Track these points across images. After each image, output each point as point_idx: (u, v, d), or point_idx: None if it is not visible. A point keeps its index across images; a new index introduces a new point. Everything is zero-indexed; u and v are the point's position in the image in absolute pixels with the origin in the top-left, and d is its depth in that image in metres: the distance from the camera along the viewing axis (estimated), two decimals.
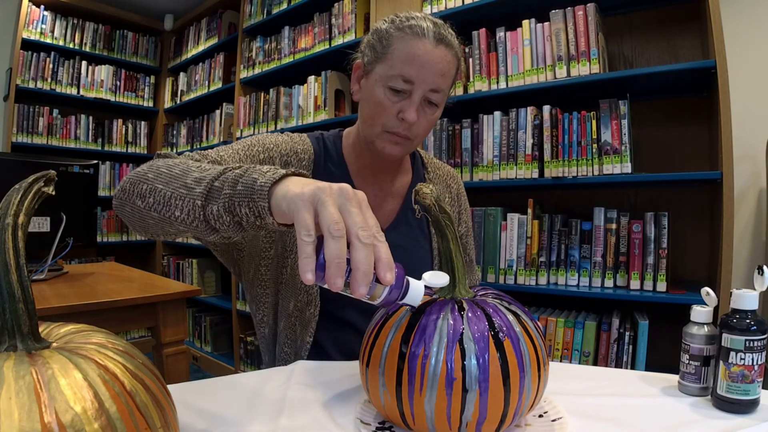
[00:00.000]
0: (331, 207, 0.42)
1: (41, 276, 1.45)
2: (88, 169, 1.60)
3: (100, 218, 3.27)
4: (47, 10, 3.02)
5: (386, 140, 0.79)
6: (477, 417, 0.47)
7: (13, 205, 0.37)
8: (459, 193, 1.02)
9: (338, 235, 0.40)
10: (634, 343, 1.48)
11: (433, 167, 1.00)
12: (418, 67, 0.74)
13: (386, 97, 0.76)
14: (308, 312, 0.83)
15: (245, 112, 2.79)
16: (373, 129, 0.80)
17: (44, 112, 3.02)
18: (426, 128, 0.81)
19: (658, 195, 1.70)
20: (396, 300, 0.46)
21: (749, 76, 1.66)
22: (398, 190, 0.93)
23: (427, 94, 0.77)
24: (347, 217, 0.42)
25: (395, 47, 0.76)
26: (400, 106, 0.77)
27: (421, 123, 0.79)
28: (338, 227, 0.41)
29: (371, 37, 0.81)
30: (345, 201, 0.43)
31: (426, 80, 0.75)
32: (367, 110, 0.80)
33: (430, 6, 1.92)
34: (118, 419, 0.32)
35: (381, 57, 0.77)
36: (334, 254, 0.40)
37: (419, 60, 0.74)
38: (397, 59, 0.75)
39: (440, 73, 0.76)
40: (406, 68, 0.74)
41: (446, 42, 0.76)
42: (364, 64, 0.81)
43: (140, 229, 0.63)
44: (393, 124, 0.78)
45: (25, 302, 0.35)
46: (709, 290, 0.67)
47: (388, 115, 0.77)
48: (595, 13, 1.57)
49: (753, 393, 0.59)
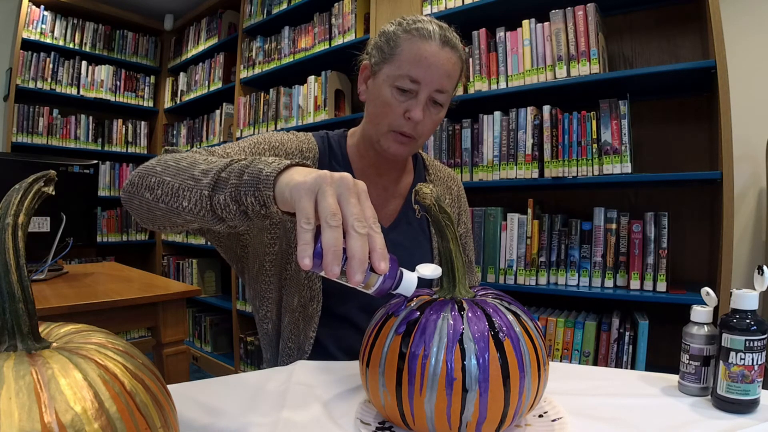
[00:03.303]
0: (330, 197, 0.43)
1: (41, 276, 1.45)
2: (88, 169, 1.60)
3: (100, 218, 3.27)
4: (47, 10, 3.02)
5: (392, 139, 0.82)
6: (477, 417, 0.47)
7: (13, 205, 0.37)
8: (459, 194, 1.04)
9: (335, 225, 0.42)
10: (634, 343, 1.48)
11: (434, 169, 1.02)
12: (425, 68, 0.77)
13: (393, 97, 0.79)
14: (311, 308, 0.85)
15: (245, 112, 2.79)
16: (379, 128, 0.82)
17: (44, 112, 3.02)
18: (430, 128, 0.83)
19: (658, 195, 1.70)
20: (390, 289, 0.48)
21: (749, 76, 1.66)
22: (400, 190, 0.94)
23: (432, 94, 0.79)
24: (345, 207, 0.43)
25: (403, 48, 0.78)
26: (406, 105, 0.79)
27: (426, 123, 0.81)
28: (336, 217, 0.42)
29: (379, 39, 0.83)
30: (344, 191, 0.44)
31: (432, 81, 0.78)
32: (373, 109, 0.83)
33: (430, 6, 1.92)
34: (118, 419, 0.32)
35: (389, 58, 0.80)
36: (330, 243, 0.42)
37: (426, 61, 0.77)
38: (404, 60, 0.78)
39: (446, 74, 0.79)
40: (413, 69, 0.77)
41: (452, 44, 0.79)
42: (372, 65, 0.84)
43: (148, 222, 0.65)
44: (399, 123, 0.80)
45: (25, 302, 0.35)
46: (709, 290, 0.67)
47: (394, 114, 0.80)
48: (595, 13, 1.57)
49: (753, 393, 0.59)
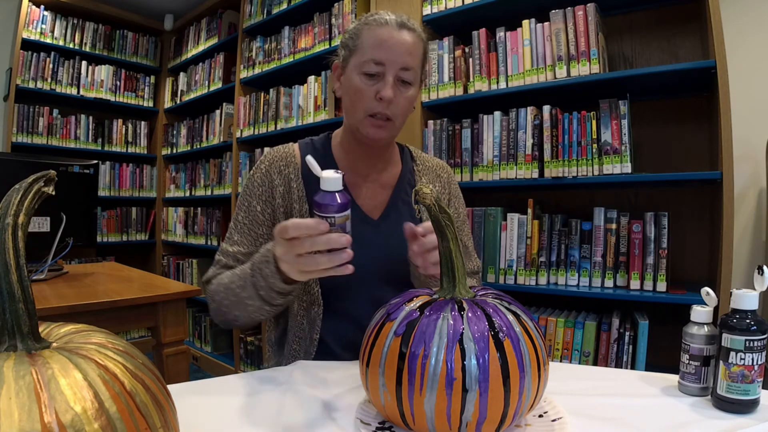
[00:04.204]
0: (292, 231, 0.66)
1: (41, 276, 1.45)
2: (88, 169, 1.60)
3: (100, 218, 3.27)
4: (47, 10, 3.02)
5: (369, 124, 0.87)
6: (477, 417, 0.47)
7: (13, 205, 0.37)
8: (449, 181, 1.06)
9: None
10: (634, 343, 1.48)
11: (422, 160, 1.05)
12: (386, 50, 0.84)
13: (363, 83, 0.85)
14: (313, 311, 0.90)
15: (245, 112, 2.79)
16: (356, 115, 0.88)
17: (44, 112, 3.02)
18: (404, 106, 0.88)
19: (658, 195, 1.70)
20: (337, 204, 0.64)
21: (749, 76, 1.66)
22: (388, 181, 0.99)
23: (398, 73, 0.85)
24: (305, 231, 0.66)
25: (363, 38, 0.86)
26: (376, 87, 0.85)
27: (399, 101, 0.86)
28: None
29: (344, 38, 0.92)
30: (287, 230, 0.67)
31: (395, 60, 0.84)
32: (348, 100, 0.89)
33: (431, 6, 1.92)
34: (118, 419, 0.32)
35: (354, 50, 0.87)
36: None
37: (386, 43, 0.84)
38: (366, 47, 0.85)
39: (406, 51, 0.85)
40: (375, 52, 0.84)
41: (408, 27, 0.87)
42: (341, 62, 0.92)
43: (235, 327, 0.88)
44: (372, 105, 0.85)
45: (25, 302, 0.35)
46: (709, 290, 0.67)
47: (367, 97, 0.85)
48: (595, 13, 1.57)
49: (753, 393, 0.59)
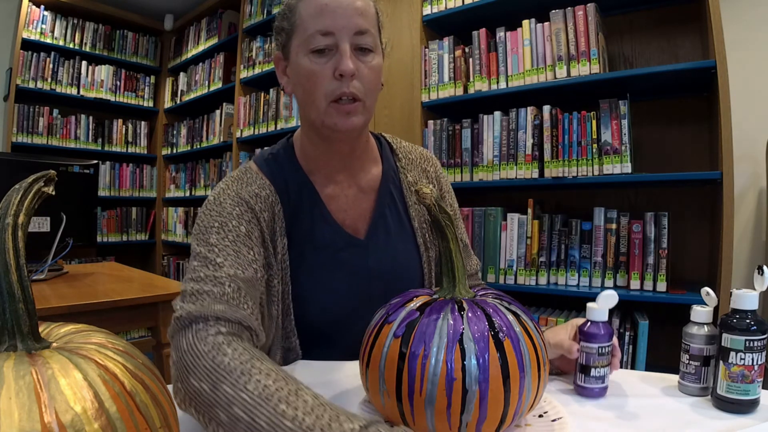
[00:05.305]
0: None
1: (41, 276, 1.45)
2: (88, 169, 1.60)
3: (100, 218, 3.27)
4: (47, 10, 3.02)
5: (335, 114, 0.71)
6: (477, 417, 0.47)
7: (13, 205, 0.37)
8: (437, 175, 0.92)
9: None
10: (634, 343, 1.48)
11: (404, 152, 0.89)
12: (330, 14, 0.69)
13: (313, 63, 0.70)
14: (291, 359, 0.80)
15: (245, 112, 2.79)
16: (317, 106, 0.71)
17: (44, 112, 3.02)
18: (371, 79, 0.72)
19: (658, 195, 1.70)
20: None
21: (749, 76, 1.66)
22: (369, 185, 0.83)
23: (353, 39, 0.70)
24: None
25: (300, 12, 0.71)
26: (332, 64, 0.69)
27: (363, 73, 0.71)
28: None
29: (276, 22, 0.77)
30: None
31: (345, 24, 0.69)
32: (302, 90, 0.73)
33: (430, 6, 1.92)
34: (118, 419, 0.32)
35: (292, 30, 0.73)
36: None
37: (327, 7, 0.69)
38: (307, 20, 0.70)
39: (357, 12, 0.70)
40: (318, 22, 0.69)
41: None
42: (281, 50, 0.77)
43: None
44: (333, 87, 0.70)
45: (25, 302, 0.35)
46: (709, 290, 0.67)
47: (323, 79, 0.70)
48: (595, 13, 1.57)
49: (753, 393, 0.59)
